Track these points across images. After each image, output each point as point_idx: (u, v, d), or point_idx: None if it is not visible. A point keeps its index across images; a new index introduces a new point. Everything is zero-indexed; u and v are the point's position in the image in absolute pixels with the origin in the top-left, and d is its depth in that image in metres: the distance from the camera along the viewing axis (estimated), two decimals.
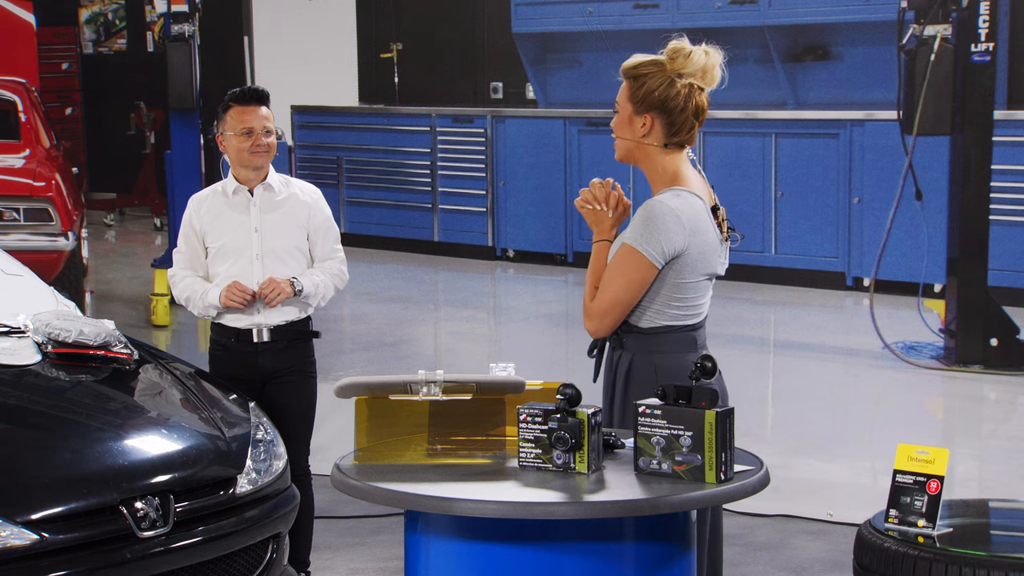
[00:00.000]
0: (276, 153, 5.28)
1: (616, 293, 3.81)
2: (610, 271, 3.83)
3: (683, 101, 3.84)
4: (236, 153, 5.21)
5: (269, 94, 5.29)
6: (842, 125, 6.61)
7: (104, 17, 9.51)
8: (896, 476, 3.98)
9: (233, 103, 5.22)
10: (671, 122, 3.85)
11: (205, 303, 5.21)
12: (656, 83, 3.84)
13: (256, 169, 5.24)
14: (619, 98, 3.94)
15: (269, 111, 5.24)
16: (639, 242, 3.77)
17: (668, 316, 3.85)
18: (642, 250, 3.77)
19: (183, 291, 5.28)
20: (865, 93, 6.55)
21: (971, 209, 6.21)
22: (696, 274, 3.84)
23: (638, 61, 3.89)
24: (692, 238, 3.79)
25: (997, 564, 3.73)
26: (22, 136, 8.78)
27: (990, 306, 6.21)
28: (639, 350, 3.86)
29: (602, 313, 3.84)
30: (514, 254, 7.67)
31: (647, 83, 3.85)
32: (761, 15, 6.78)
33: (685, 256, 3.80)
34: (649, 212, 3.79)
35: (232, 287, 5.13)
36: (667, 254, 3.78)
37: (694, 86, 3.84)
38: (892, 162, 6.41)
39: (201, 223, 5.28)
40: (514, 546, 3.25)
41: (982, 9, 6.08)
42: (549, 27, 7.48)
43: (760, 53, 6.76)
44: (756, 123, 6.75)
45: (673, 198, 3.81)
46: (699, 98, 3.87)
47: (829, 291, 6.72)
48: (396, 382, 3.67)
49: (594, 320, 3.87)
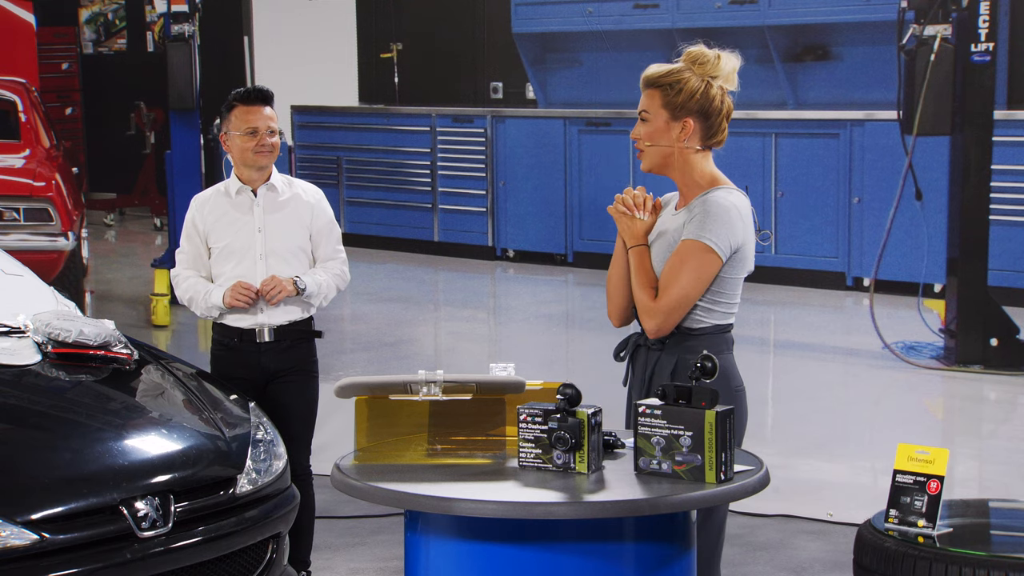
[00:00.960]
0: (278, 153, 5.28)
1: (685, 289, 3.83)
2: (675, 268, 3.85)
3: (720, 104, 3.91)
4: (240, 153, 5.21)
5: (273, 94, 5.29)
6: (842, 125, 6.61)
7: (104, 17, 9.51)
8: (896, 476, 3.98)
9: (237, 103, 5.21)
10: (709, 125, 3.92)
11: (208, 304, 5.21)
12: (693, 88, 3.88)
13: (260, 169, 5.23)
14: (648, 107, 3.94)
15: (273, 111, 5.25)
16: (705, 235, 3.82)
17: (714, 315, 3.89)
18: (710, 243, 3.81)
19: (186, 291, 5.28)
20: (865, 93, 6.55)
21: (971, 209, 6.21)
22: (742, 270, 3.93)
23: (666, 69, 3.93)
24: (747, 234, 3.89)
25: (997, 564, 3.73)
26: (22, 136, 8.77)
27: (990, 306, 6.21)
28: (684, 351, 3.87)
29: (669, 310, 3.85)
30: (514, 254, 7.67)
31: (684, 88, 3.88)
32: (761, 15, 6.78)
33: (741, 251, 3.88)
34: (711, 207, 3.85)
35: (236, 287, 5.13)
36: (732, 247, 3.84)
37: (724, 88, 3.92)
38: (892, 162, 6.41)
39: (204, 223, 5.27)
40: (514, 546, 3.25)
41: (982, 9, 6.08)
42: (549, 27, 7.48)
43: (760, 53, 6.76)
44: (756, 123, 6.75)
45: (728, 195, 3.89)
46: (728, 100, 3.94)
47: (829, 291, 6.72)
48: (396, 382, 3.67)
49: (659, 317, 3.86)
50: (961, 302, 6.27)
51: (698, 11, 6.93)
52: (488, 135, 7.64)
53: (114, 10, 9.46)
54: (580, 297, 7.62)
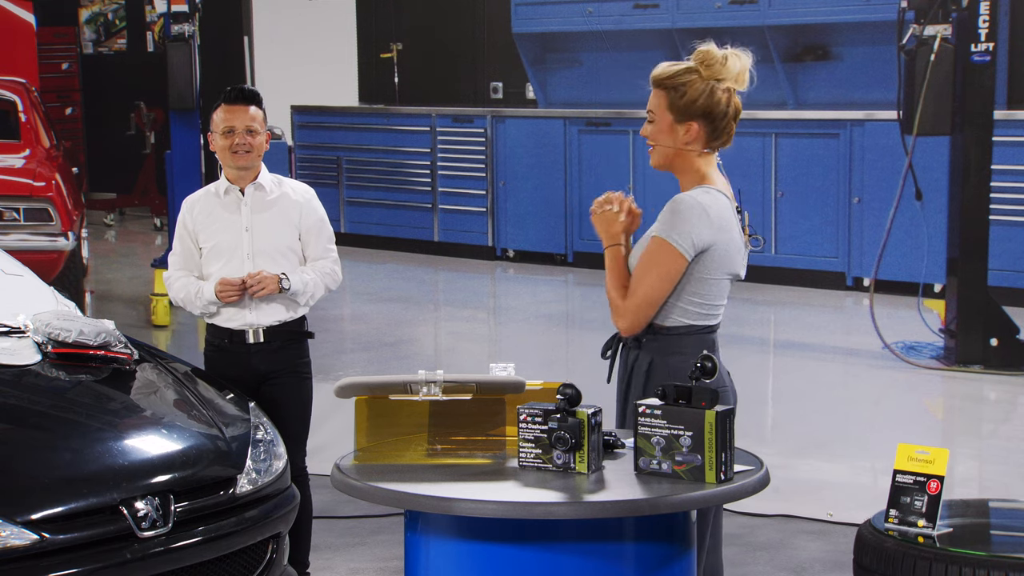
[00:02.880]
0: (260, 153, 5.23)
1: (650, 287, 3.84)
2: (642, 266, 3.86)
3: (725, 107, 3.89)
4: (220, 152, 5.23)
5: (258, 94, 5.27)
6: (842, 125, 6.61)
7: (104, 17, 9.51)
8: (896, 476, 3.98)
9: (221, 102, 5.24)
10: (715, 128, 3.90)
11: (203, 300, 5.21)
12: (698, 92, 3.87)
13: (242, 169, 5.23)
14: (654, 107, 3.94)
15: (259, 111, 5.23)
16: (668, 233, 3.81)
17: (690, 315, 3.88)
18: (672, 241, 3.81)
19: (179, 291, 5.28)
20: (865, 93, 6.55)
21: (971, 209, 6.21)
22: (720, 272, 3.88)
23: (673, 70, 3.91)
24: (719, 234, 3.84)
25: (997, 564, 3.73)
26: (22, 136, 8.77)
27: (990, 306, 6.21)
28: (658, 351, 3.88)
29: (635, 309, 3.85)
30: (514, 254, 7.67)
31: (688, 92, 3.87)
32: (761, 15, 6.78)
33: (711, 251, 3.84)
34: (677, 205, 3.84)
35: (221, 283, 5.14)
36: (696, 246, 3.82)
37: (731, 90, 3.91)
38: (892, 162, 6.42)
39: (194, 223, 5.28)
40: (514, 546, 3.25)
41: (982, 9, 6.08)
42: (549, 27, 7.48)
43: (760, 53, 6.70)
44: (756, 123, 6.75)
45: (702, 194, 3.87)
46: (736, 101, 3.93)
47: (829, 291, 6.72)
48: (396, 382, 3.67)
49: (628, 317, 3.87)
50: (961, 302, 6.27)
51: (698, 11, 6.93)
52: (488, 135, 7.64)
53: (114, 10, 9.46)
54: (580, 297, 7.62)
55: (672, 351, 3.85)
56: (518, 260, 7.67)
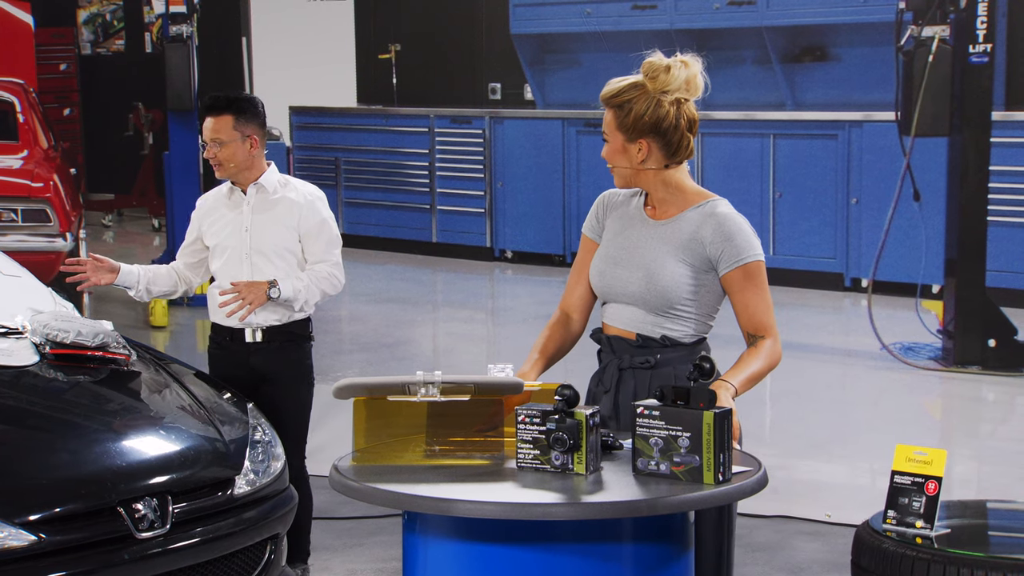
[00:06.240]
0: (235, 161, 5.18)
1: (770, 304, 3.79)
2: (756, 297, 3.76)
3: (675, 119, 3.72)
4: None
5: (229, 100, 5.22)
6: (840, 126, 6.61)
7: (102, 18, 9.51)
8: (894, 477, 3.98)
9: None
10: (668, 142, 3.74)
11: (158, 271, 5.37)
12: (643, 107, 3.71)
13: (224, 178, 5.31)
14: (606, 128, 3.79)
15: (227, 118, 5.17)
16: (758, 252, 3.76)
17: (705, 328, 3.85)
18: (760, 257, 3.77)
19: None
20: (863, 94, 6.55)
21: (969, 210, 6.21)
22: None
23: (617, 88, 3.76)
24: None
25: (995, 565, 3.73)
26: (20, 137, 8.77)
27: (988, 307, 6.21)
28: (678, 361, 3.79)
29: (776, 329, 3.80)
30: (512, 255, 7.66)
31: (634, 109, 3.71)
32: (759, 16, 6.78)
33: None
34: (733, 224, 3.74)
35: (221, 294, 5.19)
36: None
37: (681, 100, 3.73)
38: (890, 163, 6.42)
39: (202, 221, 5.38)
40: (512, 547, 3.25)
41: (980, 10, 6.09)
42: (547, 28, 7.48)
43: (758, 54, 6.76)
44: (754, 124, 6.75)
45: (725, 206, 3.79)
46: (689, 110, 3.75)
47: (827, 292, 6.72)
48: (394, 383, 3.67)
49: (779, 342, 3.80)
50: (959, 303, 6.28)
51: (696, 12, 6.93)
52: (486, 136, 7.64)
53: (112, 11, 9.46)
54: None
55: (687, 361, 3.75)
56: (516, 261, 7.67)
